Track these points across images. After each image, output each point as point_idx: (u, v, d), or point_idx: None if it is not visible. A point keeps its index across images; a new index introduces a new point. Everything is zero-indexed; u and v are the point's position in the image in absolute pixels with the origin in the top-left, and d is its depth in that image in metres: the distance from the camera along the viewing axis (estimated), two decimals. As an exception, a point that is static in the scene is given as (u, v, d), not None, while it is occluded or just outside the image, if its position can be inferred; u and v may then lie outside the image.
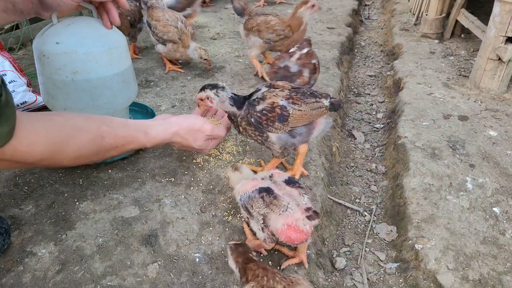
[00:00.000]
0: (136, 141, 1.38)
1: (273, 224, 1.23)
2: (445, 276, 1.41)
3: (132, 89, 1.74)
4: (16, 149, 1.03)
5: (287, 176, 1.35)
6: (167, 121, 1.52)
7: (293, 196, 1.27)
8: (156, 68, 2.78)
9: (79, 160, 1.24)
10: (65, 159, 1.18)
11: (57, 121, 1.17)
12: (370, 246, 1.69)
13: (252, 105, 1.51)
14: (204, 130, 1.56)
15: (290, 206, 1.21)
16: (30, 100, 2.04)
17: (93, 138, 1.23)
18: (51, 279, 1.26)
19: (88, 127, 1.23)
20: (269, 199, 1.24)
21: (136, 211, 1.52)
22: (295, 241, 1.24)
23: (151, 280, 1.28)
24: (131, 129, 1.38)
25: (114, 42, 1.58)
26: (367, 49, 3.92)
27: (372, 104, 2.88)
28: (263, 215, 1.24)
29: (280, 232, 1.23)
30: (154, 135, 1.43)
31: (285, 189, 1.29)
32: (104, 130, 1.26)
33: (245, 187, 1.33)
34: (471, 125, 2.22)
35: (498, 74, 2.51)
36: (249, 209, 1.28)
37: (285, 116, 1.49)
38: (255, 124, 1.51)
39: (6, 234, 1.34)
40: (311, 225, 1.22)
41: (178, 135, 1.50)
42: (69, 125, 1.19)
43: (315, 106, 1.52)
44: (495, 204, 1.70)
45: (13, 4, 1.31)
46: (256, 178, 1.37)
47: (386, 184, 2.03)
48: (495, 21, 2.41)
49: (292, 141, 1.57)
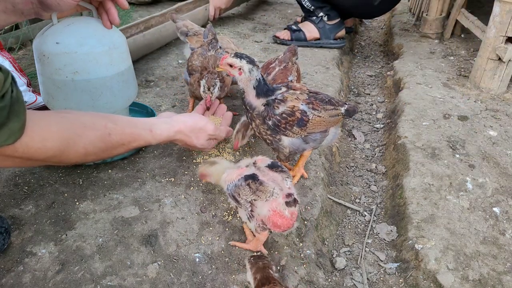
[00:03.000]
0: (142, 139, 1.41)
1: (260, 210, 1.24)
2: (445, 276, 1.41)
3: (132, 89, 1.74)
4: (28, 145, 1.04)
5: (270, 161, 1.36)
6: (171, 119, 1.54)
7: (276, 181, 1.27)
8: (156, 68, 2.78)
9: (87, 157, 1.25)
10: (74, 156, 1.20)
11: (67, 118, 1.19)
12: (370, 246, 1.69)
13: (272, 107, 1.48)
14: (207, 130, 1.59)
15: (276, 191, 1.22)
16: (30, 100, 2.04)
17: (101, 135, 1.25)
18: (51, 279, 1.26)
19: (95, 125, 1.25)
20: (255, 186, 1.24)
21: (136, 211, 1.52)
22: (281, 227, 1.25)
23: (151, 280, 1.28)
24: (137, 127, 1.40)
25: (114, 42, 1.58)
26: (367, 49, 3.92)
27: (372, 104, 2.88)
28: (250, 202, 1.25)
29: (267, 219, 1.24)
30: (159, 133, 1.46)
31: (269, 174, 1.30)
32: (111, 127, 1.28)
33: (231, 176, 1.34)
34: (471, 125, 2.22)
35: (498, 74, 2.51)
36: (237, 198, 1.28)
37: (304, 121, 1.48)
38: (273, 127, 1.49)
39: (6, 233, 1.34)
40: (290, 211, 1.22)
41: (182, 133, 1.53)
42: (78, 122, 1.21)
43: (333, 113, 1.53)
44: (495, 204, 1.70)
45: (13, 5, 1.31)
46: (241, 166, 1.37)
47: (386, 184, 2.03)
48: (495, 21, 2.41)
49: (304, 146, 1.57)
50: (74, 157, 1.21)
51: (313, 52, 3.16)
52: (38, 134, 1.06)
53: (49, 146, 1.10)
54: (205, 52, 1.98)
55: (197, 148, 1.64)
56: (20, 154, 1.04)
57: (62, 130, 1.14)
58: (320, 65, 2.91)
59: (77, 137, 1.18)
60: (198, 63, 1.94)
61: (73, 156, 1.20)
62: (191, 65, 1.96)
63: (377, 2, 3.06)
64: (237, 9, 4.19)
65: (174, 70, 2.76)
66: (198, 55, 1.97)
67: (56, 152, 1.13)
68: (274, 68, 1.88)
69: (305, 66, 2.86)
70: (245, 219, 1.33)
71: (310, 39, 3.25)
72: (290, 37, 3.25)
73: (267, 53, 3.10)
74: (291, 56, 1.93)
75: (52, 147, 1.11)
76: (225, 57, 1.46)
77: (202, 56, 1.95)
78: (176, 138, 1.54)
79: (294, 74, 1.89)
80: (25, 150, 1.04)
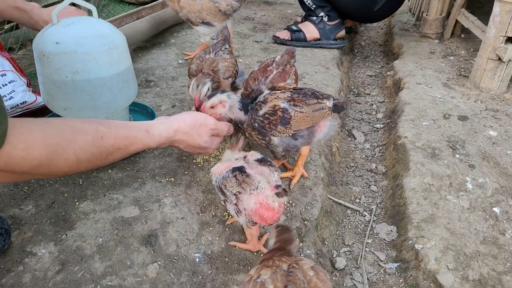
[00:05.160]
0: (139, 141, 1.31)
1: (246, 204, 1.24)
2: (445, 276, 1.41)
3: (132, 89, 1.74)
4: (11, 155, 0.94)
5: (260, 156, 1.37)
6: (168, 119, 1.45)
7: (264, 174, 1.28)
8: (156, 68, 2.78)
9: (80, 165, 1.15)
10: (64, 165, 1.09)
11: (54, 123, 1.10)
12: (370, 246, 1.69)
13: (255, 109, 1.50)
14: (208, 124, 1.49)
15: (261, 185, 1.22)
16: (30, 100, 2.04)
17: (92, 139, 1.15)
18: (51, 279, 1.26)
19: (85, 129, 1.16)
20: (241, 178, 1.24)
21: (136, 211, 1.52)
22: (267, 220, 1.25)
23: (151, 280, 1.28)
24: (132, 129, 1.31)
25: (114, 42, 1.59)
26: (367, 49, 3.92)
27: (372, 104, 2.88)
28: (235, 194, 1.25)
29: (254, 212, 1.24)
30: (157, 134, 1.36)
31: (257, 168, 1.31)
32: (103, 131, 1.19)
33: (220, 168, 1.35)
34: (471, 125, 2.22)
35: (498, 74, 2.51)
36: (223, 189, 1.28)
37: (286, 119, 1.48)
38: (259, 129, 1.50)
39: (6, 234, 1.34)
40: (280, 202, 1.23)
41: (182, 132, 1.43)
42: (66, 127, 1.11)
43: (316, 107, 1.51)
44: (495, 204, 1.70)
45: None
46: (231, 160, 1.39)
47: (386, 184, 2.03)
48: (495, 21, 2.41)
49: (294, 143, 1.56)
50: (65, 166, 1.09)
51: (313, 52, 3.16)
52: (21, 142, 0.95)
53: (34, 154, 0.99)
54: (204, 54, 1.98)
55: (201, 147, 1.52)
56: (2, 166, 0.94)
57: (48, 136, 1.04)
58: (320, 65, 2.91)
59: (66, 143, 1.07)
60: (194, 66, 1.93)
61: (64, 165, 1.09)
62: (189, 69, 1.96)
63: (377, 8, 3.08)
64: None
65: (174, 70, 2.76)
66: (197, 58, 1.97)
67: (43, 161, 1.02)
68: (271, 71, 1.83)
69: (305, 66, 2.86)
70: (233, 213, 1.32)
71: (310, 40, 3.25)
72: (290, 37, 3.25)
73: (267, 53, 3.10)
74: (289, 59, 1.89)
75: (38, 156, 1.00)
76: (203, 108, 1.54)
77: (200, 59, 1.95)
78: (176, 138, 1.43)
79: (292, 77, 1.86)
80: (8, 160, 0.94)
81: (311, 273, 1.04)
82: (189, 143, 1.47)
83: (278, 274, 1.03)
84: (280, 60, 1.89)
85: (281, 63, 1.87)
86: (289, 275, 1.03)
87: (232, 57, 2.01)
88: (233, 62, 1.99)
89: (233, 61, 1.99)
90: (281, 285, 1.00)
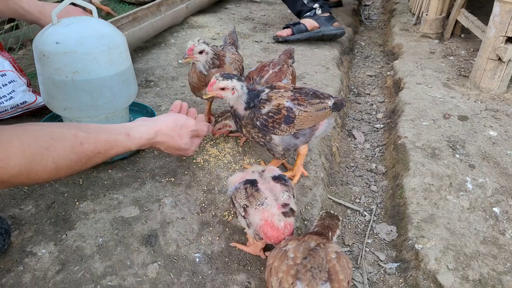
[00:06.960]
0: (119, 145, 1.31)
1: (253, 219, 1.23)
2: (445, 276, 1.41)
3: (132, 89, 1.74)
4: None
5: (278, 173, 1.35)
6: (149, 121, 1.46)
7: (273, 191, 1.26)
8: (156, 68, 2.78)
9: (60, 172, 1.14)
10: (43, 172, 1.08)
11: (31, 131, 1.09)
12: (370, 246, 1.69)
13: (258, 107, 1.49)
14: (188, 125, 1.51)
15: (267, 201, 1.21)
16: (30, 100, 2.04)
17: (71, 146, 1.15)
18: (51, 279, 1.26)
19: (64, 135, 1.15)
20: (250, 191, 1.24)
21: (136, 211, 1.52)
22: (271, 238, 1.24)
23: (151, 280, 1.28)
24: (112, 133, 1.31)
25: (114, 42, 1.59)
26: (367, 49, 3.92)
27: (372, 104, 2.88)
28: (243, 207, 1.24)
29: (259, 228, 1.23)
30: (137, 136, 1.36)
31: (269, 183, 1.29)
32: (82, 136, 1.19)
33: (236, 178, 1.34)
34: (471, 125, 2.22)
35: (498, 74, 2.51)
36: (233, 200, 1.28)
37: (291, 118, 1.48)
38: (261, 127, 1.50)
39: (6, 234, 1.34)
40: (286, 223, 1.22)
41: (163, 133, 1.44)
42: (44, 134, 1.11)
43: (319, 107, 1.52)
44: (495, 204, 1.70)
45: None
46: (247, 171, 1.38)
47: (386, 184, 2.03)
48: (495, 21, 2.41)
49: (294, 142, 1.56)
50: (44, 173, 1.09)
51: (313, 52, 3.17)
52: None
53: (12, 164, 0.98)
54: None
55: (182, 149, 1.52)
56: None
57: (25, 145, 1.03)
58: (320, 65, 2.91)
59: (44, 151, 1.07)
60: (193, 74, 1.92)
61: (43, 173, 1.08)
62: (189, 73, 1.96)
63: None
64: (237, 9, 4.19)
65: (174, 70, 2.76)
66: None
67: (22, 169, 1.01)
68: (267, 71, 1.84)
69: (305, 66, 2.86)
70: (244, 225, 1.32)
71: (311, 29, 3.29)
72: (292, 32, 3.29)
73: (267, 53, 3.10)
74: (286, 59, 1.90)
75: (16, 165, 0.99)
76: (213, 83, 1.43)
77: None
78: (157, 139, 1.43)
79: (288, 77, 1.86)
80: None
81: (333, 256, 1.13)
82: (169, 144, 1.48)
83: (302, 246, 1.15)
84: (276, 60, 1.89)
85: (277, 63, 1.87)
86: (312, 250, 1.13)
87: (239, 55, 2.02)
88: (240, 58, 1.99)
89: (240, 58, 2.00)
90: (300, 255, 1.12)
